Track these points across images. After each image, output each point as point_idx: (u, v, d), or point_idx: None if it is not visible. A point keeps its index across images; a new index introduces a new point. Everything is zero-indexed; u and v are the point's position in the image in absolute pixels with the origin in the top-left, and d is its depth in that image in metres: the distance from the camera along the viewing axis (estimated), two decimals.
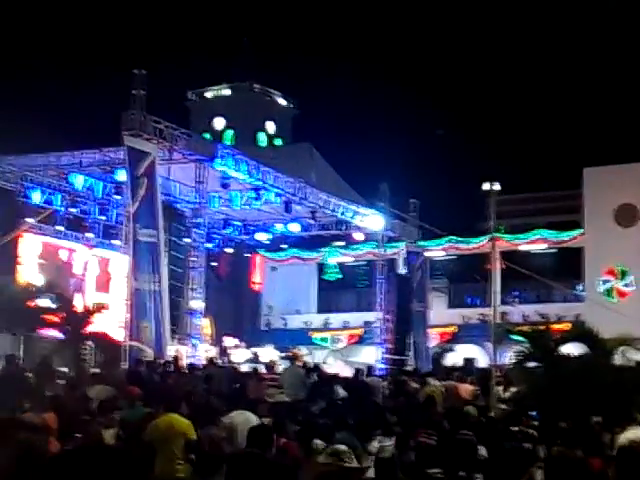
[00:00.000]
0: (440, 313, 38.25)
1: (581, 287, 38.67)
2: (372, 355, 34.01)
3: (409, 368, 26.91)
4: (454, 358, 28.08)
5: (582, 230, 38.22)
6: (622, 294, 36.78)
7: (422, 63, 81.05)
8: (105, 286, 30.06)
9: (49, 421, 10.36)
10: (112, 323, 24.24)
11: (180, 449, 10.00)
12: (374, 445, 11.39)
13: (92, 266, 30.76)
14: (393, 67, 71.80)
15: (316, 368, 20.90)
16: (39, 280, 26.49)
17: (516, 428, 11.35)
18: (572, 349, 16.52)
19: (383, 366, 30.77)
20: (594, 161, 38.56)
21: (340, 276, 40.98)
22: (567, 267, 38.46)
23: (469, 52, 75.22)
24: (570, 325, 28.30)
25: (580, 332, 18.04)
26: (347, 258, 41.21)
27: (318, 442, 8.90)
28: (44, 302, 20.94)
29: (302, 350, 32.30)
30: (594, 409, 12.23)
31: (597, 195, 37.08)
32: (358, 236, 33.70)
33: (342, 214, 31.35)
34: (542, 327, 17.54)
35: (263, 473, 4.75)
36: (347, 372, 23.15)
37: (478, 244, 37.76)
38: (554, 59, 74.78)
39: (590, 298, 35.20)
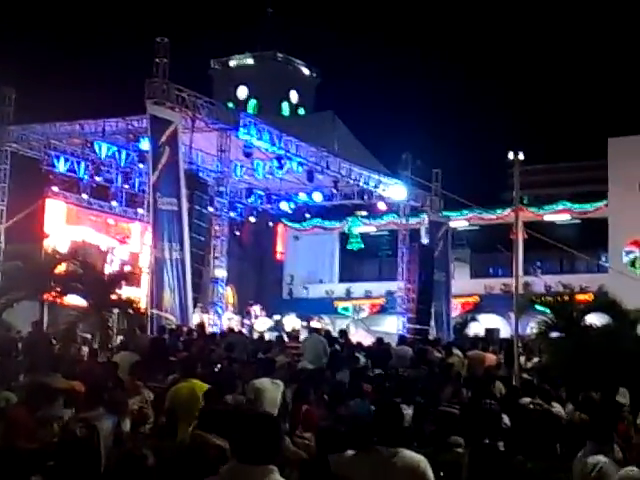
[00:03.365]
0: (462, 283, 38.19)
1: (604, 258, 38.44)
2: (394, 324, 34.05)
3: (431, 338, 26.90)
4: (476, 328, 28.03)
5: (606, 201, 37.92)
6: None
7: (445, 32, 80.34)
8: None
9: (77, 387, 10.49)
10: (137, 291, 24.41)
11: None
12: None
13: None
14: (416, 36, 71.25)
15: (342, 333, 21.17)
16: (64, 247, 26.61)
17: (528, 399, 11.26)
18: (595, 319, 16.49)
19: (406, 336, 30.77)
20: (619, 131, 38.19)
21: (362, 246, 40.98)
22: (591, 238, 38.17)
23: (493, 20, 74.47)
24: (593, 296, 28.14)
25: (603, 302, 18.02)
26: (370, 228, 41.19)
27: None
28: (70, 268, 21.04)
29: (324, 319, 32.39)
30: (618, 379, 12.21)
31: (622, 165, 36.72)
32: (381, 206, 33.60)
33: (365, 183, 31.24)
34: (565, 297, 17.50)
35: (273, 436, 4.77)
36: (368, 341, 23.20)
37: (501, 214, 37.60)
38: (579, 27, 73.87)
39: (614, 269, 35.00)
